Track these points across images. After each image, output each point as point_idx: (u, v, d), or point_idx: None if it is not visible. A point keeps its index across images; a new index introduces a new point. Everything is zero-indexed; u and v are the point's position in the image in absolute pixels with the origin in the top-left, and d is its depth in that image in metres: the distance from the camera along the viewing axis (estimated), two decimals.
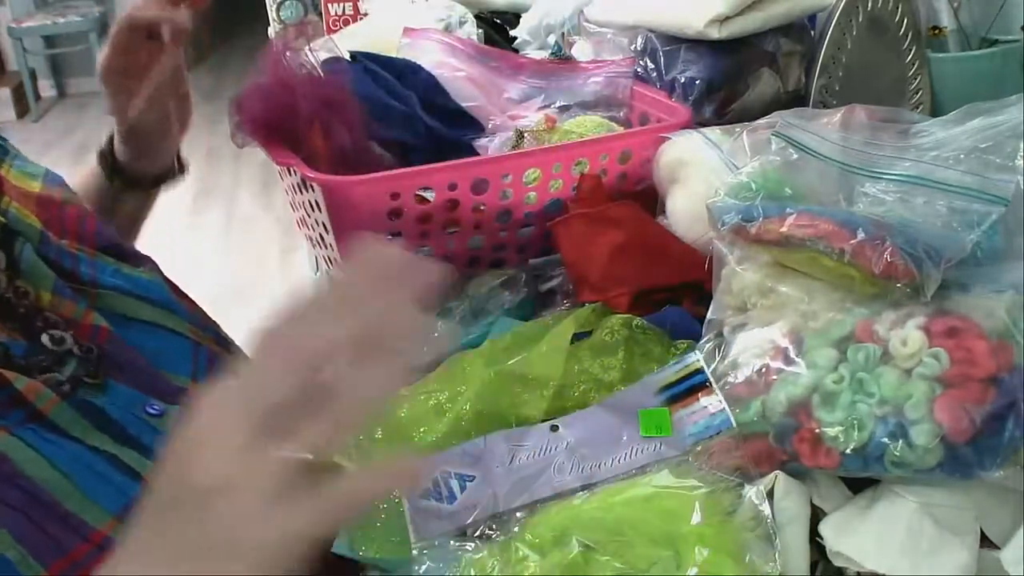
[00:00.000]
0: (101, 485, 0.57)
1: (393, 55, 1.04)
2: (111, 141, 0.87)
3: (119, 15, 0.76)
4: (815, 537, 0.54)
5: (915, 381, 0.52)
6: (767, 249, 0.60)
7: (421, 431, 0.63)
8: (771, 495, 0.54)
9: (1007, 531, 0.52)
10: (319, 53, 0.91)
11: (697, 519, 0.51)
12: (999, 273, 0.55)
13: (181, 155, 0.92)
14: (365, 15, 1.55)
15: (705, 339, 0.64)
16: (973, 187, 0.57)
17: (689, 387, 0.61)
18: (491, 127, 0.99)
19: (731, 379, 0.59)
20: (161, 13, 0.74)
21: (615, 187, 0.90)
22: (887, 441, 0.51)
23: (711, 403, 0.60)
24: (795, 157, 0.65)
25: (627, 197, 0.88)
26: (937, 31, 1.08)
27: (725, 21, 0.99)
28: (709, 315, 0.65)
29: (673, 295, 0.78)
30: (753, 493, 0.53)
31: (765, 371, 0.57)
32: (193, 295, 0.81)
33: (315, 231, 0.91)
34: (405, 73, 0.97)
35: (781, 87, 1.05)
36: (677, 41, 1.04)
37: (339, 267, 0.34)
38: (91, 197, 0.86)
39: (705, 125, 0.92)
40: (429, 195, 0.83)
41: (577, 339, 0.69)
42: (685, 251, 0.81)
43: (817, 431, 0.53)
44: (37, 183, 0.74)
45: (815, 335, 0.56)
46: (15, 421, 0.57)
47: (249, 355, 0.36)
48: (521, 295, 0.85)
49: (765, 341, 0.58)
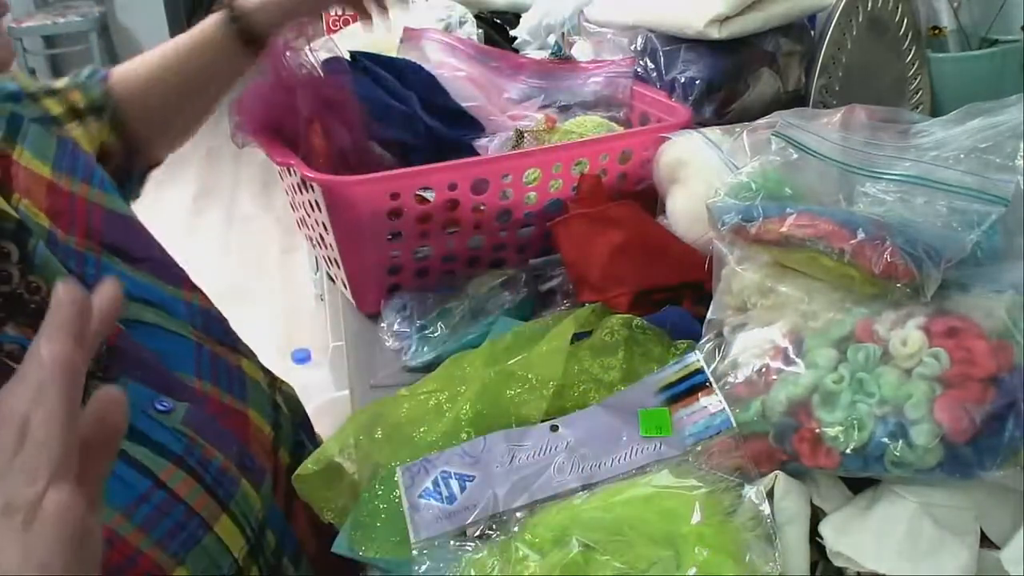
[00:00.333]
0: (109, 480, 0.58)
1: (393, 55, 1.04)
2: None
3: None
4: (815, 537, 0.54)
5: (915, 381, 0.52)
6: (767, 249, 0.60)
7: (421, 431, 0.63)
8: (771, 495, 0.54)
9: (1007, 531, 0.52)
10: (319, 53, 0.91)
11: (697, 519, 0.51)
12: (999, 273, 0.55)
13: None
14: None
15: (705, 339, 0.64)
16: (973, 187, 0.57)
17: (689, 387, 0.61)
18: (491, 127, 0.99)
19: (731, 379, 0.59)
20: None
21: (615, 187, 0.90)
22: (887, 441, 0.51)
23: (711, 403, 0.60)
24: (795, 157, 0.65)
25: (627, 197, 0.88)
26: (937, 31, 1.08)
27: (725, 21, 0.99)
28: (709, 315, 0.65)
29: (673, 295, 0.78)
30: (753, 493, 0.53)
31: (765, 371, 0.57)
32: None
33: (315, 231, 0.91)
34: (405, 73, 0.98)
35: (781, 87, 1.05)
36: (677, 41, 1.05)
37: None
38: (191, 58, 0.86)
39: (705, 125, 0.92)
40: (429, 195, 0.83)
41: (577, 339, 0.69)
42: (685, 251, 0.81)
43: (817, 431, 0.53)
44: (47, 168, 0.73)
45: (815, 335, 0.56)
46: None
47: None
48: (521, 295, 0.85)
49: (765, 341, 0.58)
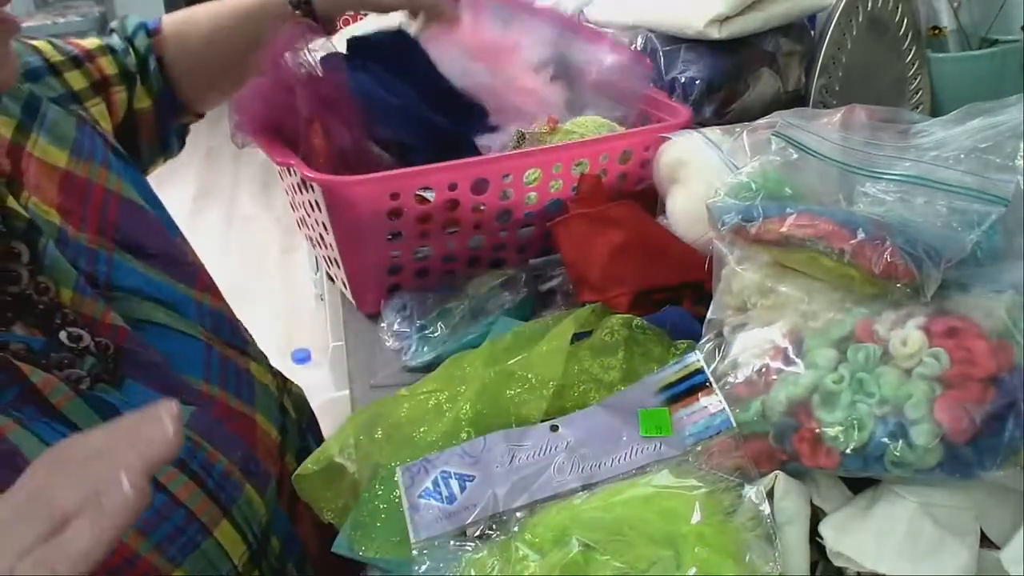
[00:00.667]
0: None
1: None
2: None
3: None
4: (815, 537, 0.54)
5: (915, 381, 0.52)
6: (767, 249, 0.60)
7: (421, 431, 0.63)
8: (771, 495, 0.54)
9: (1007, 531, 0.52)
10: (318, 52, 0.91)
11: (697, 519, 0.51)
12: (999, 273, 0.55)
13: None
14: (365, 15, 1.55)
15: (705, 339, 0.64)
16: (973, 187, 0.57)
17: (689, 387, 0.61)
18: (495, 106, 0.95)
19: (731, 379, 0.59)
20: None
21: (615, 187, 0.90)
22: (887, 441, 0.51)
23: (711, 403, 0.60)
24: (795, 157, 0.65)
25: (627, 197, 0.88)
26: (937, 31, 1.08)
27: (725, 21, 0.99)
28: (709, 315, 0.65)
29: (673, 295, 0.78)
30: (753, 493, 0.53)
31: (765, 371, 0.57)
32: None
33: (315, 231, 0.91)
34: (403, 58, 0.94)
35: (781, 87, 1.05)
36: (677, 41, 1.05)
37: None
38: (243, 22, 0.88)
39: (705, 125, 0.92)
40: (429, 195, 0.83)
41: (577, 339, 0.69)
42: (685, 251, 0.81)
43: (817, 431, 0.53)
44: (64, 155, 0.72)
45: (815, 335, 0.56)
46: (29, 415, 0.57)
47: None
48: (521, 295, 0.85)
49: (765, 341, 0.58)
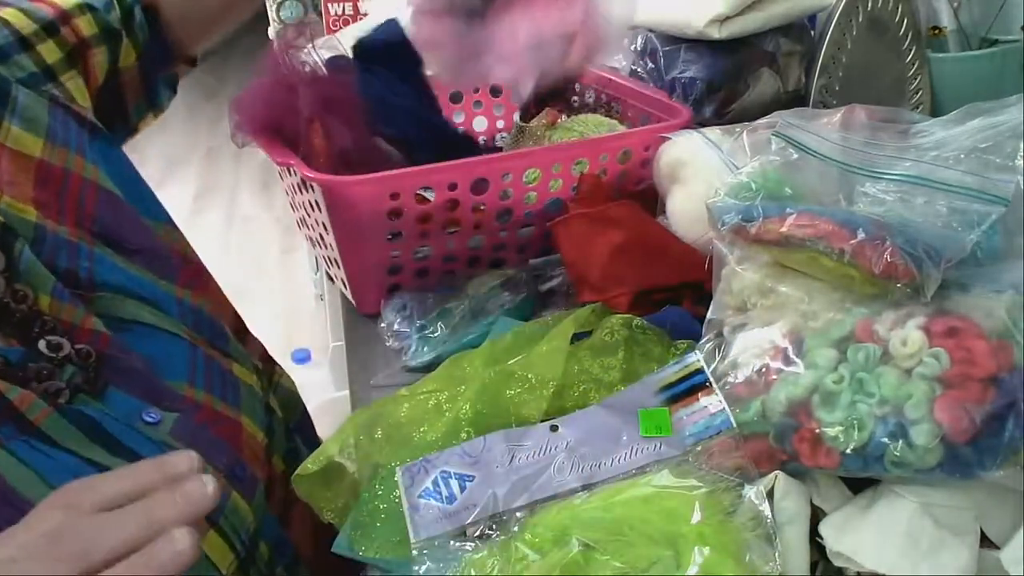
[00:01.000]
0: None
1: None
2: None
3: None
4: (815, 537, 0.54)
5: (915, 381, 0.52)
6: (767, 249, 0.60)
7: (421, 431, 0.63)
8: (771, 495, 0.54)
9: (1007, 531, 0.52)
10: (322, 52, 0.91)
11: (697, 519, 0.51)
12: (999, 273, 0.55)
13: None
14: (365, 15, 1.55)
15: (705, 339, 0.64)
16: (973, 187, 0.57)
17: (689, 387, 0.61)
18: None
19: (731, 379, 0.59)
20: None
21: (615, 187, 0.90)
22: (887, 441, 0.51)
23: (711, 403, 0.60)
24: (795, 157, 0.65)
25: (627, 197, 0.88)
26: (937, 31, 1.08)
27: (725, 21, 0.99)
28: (709, 315, 0.65)
29: (673, 295, 0.78)
30: (753, 493, 0.53)
31: (765, 371, 0.57)
32: None
33: (315, 231, 0.91)
34: (406, 62, 0.94)
35: (781, 87, 1.05)
36: (677, 41, 1.05)
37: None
38: None
39: (705, 125, 0.92)
40: (429, 195, 0.83)
41: (577, 339, 0.69)
42: (685, 251, 0.81)
43: (817, 431, 0.53)
44: (39, 143, 0.70)
45: (815, 335, 0.56)
46: (7, 434, 0.56)
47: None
48: (521, 295, 0.85)
49: (765, 341, 0.58)
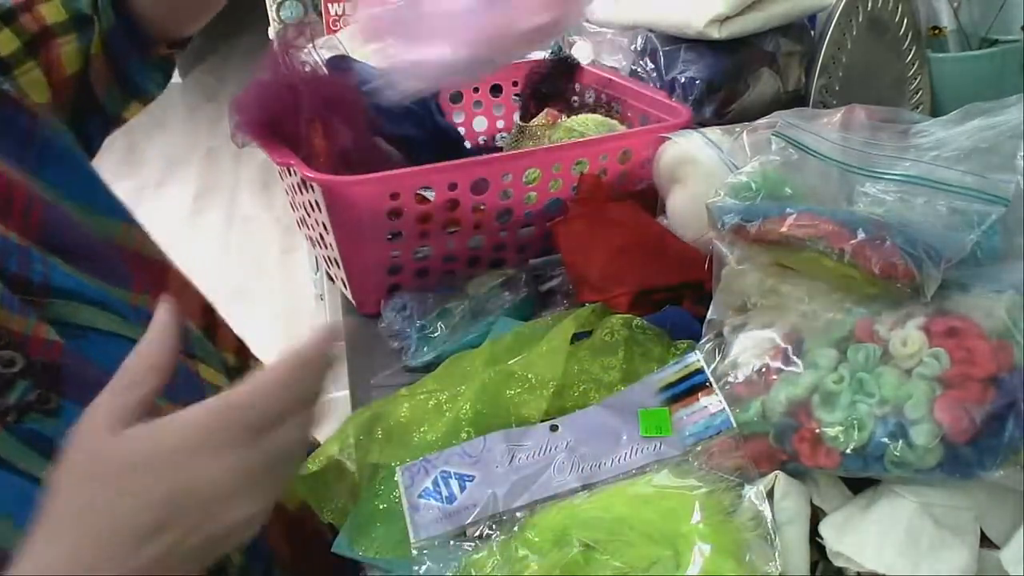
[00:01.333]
0: None
1: None
2: None
3: None
4: (815, 537, 0.54)
5: (915, 381, 0.52)
6: (767, 249, 0.60)
7: (421, 431, 0.63)
8: (771, 495, 0.54)
9: (1007, 531, 0.52)
10: (322, 52, 0.91)
11: (697, 519, 0.51)
12: (999, 273, 0.55)
13: None
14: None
15: (705, 339, 0.64)
16: (973, 187, 0.57)
17: (689, 387, 0.61)
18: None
19: (731, 379, 0.59)
20: None
21: (615, 187, 0.90)
22: (887, 441, 0.51)
23: (711, 403, 0.60)
24: (795, 157, 0.65)
25: (627, 197, 0.88)
26: (937, 31, 1.08)
27: (725, 21, 0.99)
28: (709, 315, 0.65)
29: (673, 295, 0.78)
30: (753, 493, 0.53)
31: (765, 371, 0.57)
32: None
33: (315, 231, 0.91)
34: None
35: (781, 87, 1.05)
36: (677, 41, 1.05)
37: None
38: None
39: (705, 125, 0.92)
40: (429, 195, 0.83)
41: (577, 339, 0.69)
42: (685, 251, 0.81)
43: (817, 431, 0.53)
44: None
45: (815, 335, 0.56)
46: None
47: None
48: (521, 295, 0.85)
49: (765, 341, 0.58)
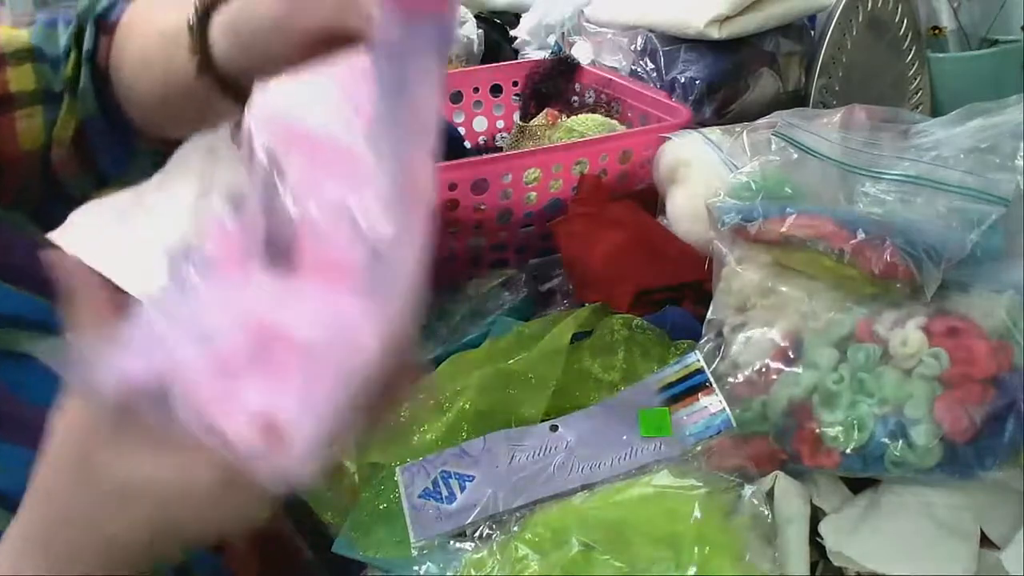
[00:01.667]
0: None
1: None
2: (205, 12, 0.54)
3: None
4: (815, 537, 0.54)
5: (915, 381, 0.52)
6: (767, 249, 0.60)
7: (421, 431, 0.63)
8: (771, 495, 0.54)
9: (1007, 531, 0.52)
10: None
11: (697, 519, 0.51)
12: (999, 273, 0.55)
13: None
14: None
15: (705, 339, 0.64)
16: (973, 187, 0.57)
17: (689, 387, 0.61)
18: None
19: (731, 379, 0.59)
20: None
21: (615, 187, 0.90)
22: (887, 441, 0.51)
23: (711, 403, 0.60)
24: (795, 157, 0.65)
25: (627, 197, 0.88)
26: (937, 31, 1.08)
27: (725, 21, 0.99)
28: (709, 315, 0.65)
29: (673, 295, 0.78)
30: (753, 493, 0.53)
31: (765, 371, 0.57)
32: None
33: None
34: None
35: (781, 87, 1.05)
36: (677, 41, 1.05)
37: None
38: (159, 81, 0.58)
39: (705, 125, 0.92)
40: None
41: (577, 339, 0.69)
42: (685, 251, 0.81)
43: (817, 431, 0.53)
44: None
45: (815, 335, 0.56)
46: None
47: None
48: (521, 295, 0.85)
49: (765, 341, 0.58)
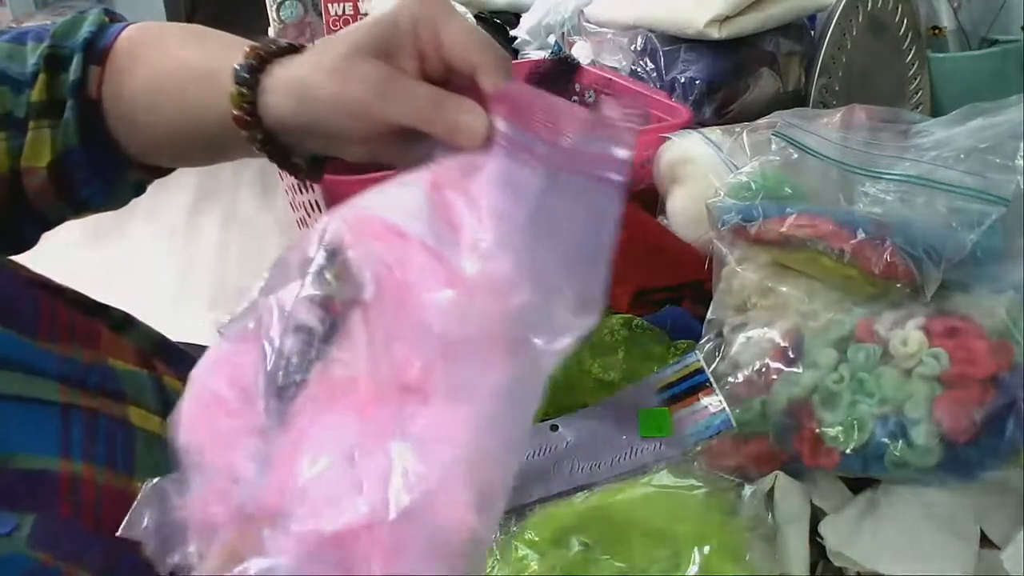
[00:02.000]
0: None
1: None
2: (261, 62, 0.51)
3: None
4: (815, 537, 0.54)
5: (915, 381, 0.52)
6: (767, 249, 0.60)
7: None
8: (771, 495, 0.54)
9: (1007, 531, 0.52)
10: None
11: (697, 519, 0.51)
12: (999, 273, 0.55)
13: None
14: (365, 15, 1.55)
15: (705, 339, 0.64)
16: (973, 187, 0.57)
17: (689, 387, 0.61)
18: None
19: (731, 379, 0.59)
20: None
21: None
22: (887, 441, 0.51)
23: (711, 403, 0.60)
24: (795, 157, 0.65)
25: (627, 197, 0.87)
26: (937, 31, 1.08)
27: (725, 21, 0.99)
28: (709, 315, 0.65)
29: (673, 295, 0.78)
30: (753, 493, 0.53)
31: (765, 371, 0.57)
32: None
33: None
34: None
35: (781, 87, 1.05)
36: (677, 41, 1.05)
37: None
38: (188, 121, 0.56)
39: (705, 125, 0.92)
40: None
41: None
42: (685, 251, 0.81)
43: (817, 431, 0.53)
44: None
45: (815, 335, 0.56)
46: None
47: None
48: None
49: (765, 341, 0.58)
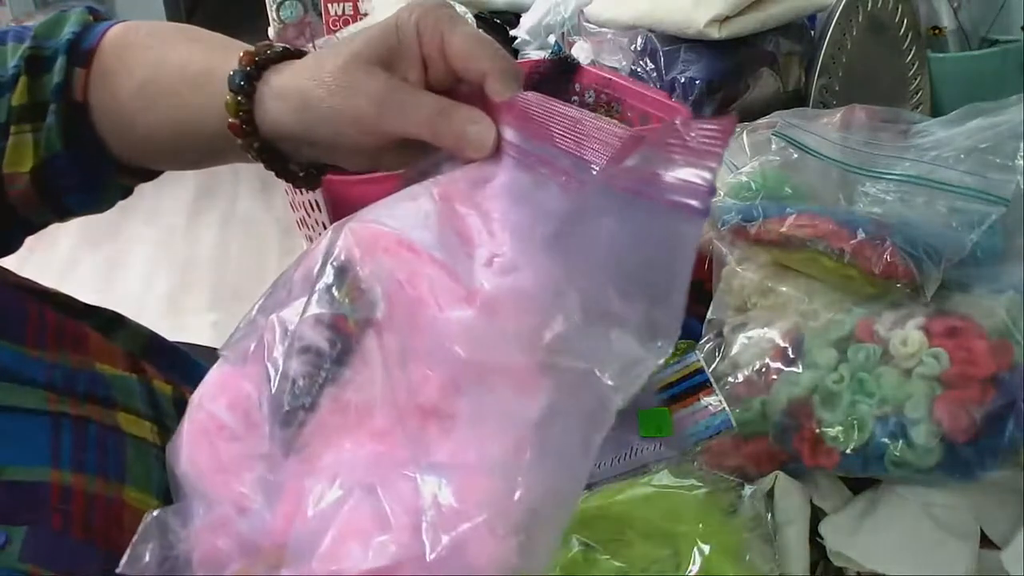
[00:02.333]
0: None
1: None
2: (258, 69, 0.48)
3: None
4: (815, 537, 0.54)
5: (915, 381, 0.52)
6: (767, 249, 0.60)
7: None
8: (771, 495, 0.54)
9: (1007, 531, 0.52)
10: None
11: (697, 519, 0.51)
12: (999, 273, 0.55)
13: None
14: (365, 15, 1.55)
15: (705, 339, 0.64)
16: (973, 187, 0.57)
17: (689, 387, 0.61)
18: None
19: (731, 379, 0.59)
20: None
21: None
22: (887, 441, 0.51)
23: (711, 403, 0.60)
24: (795, 157, 0.65)
25: None
26: (937, 31, 1.08)
27: (725, 21, 0.99)
28: (709, 315, 0.65)
29: None
30: (753, 493, 0.53)
31: (765, 371, 0.57)
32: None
33: (315, 231, 0.91)
34: None
35: (781, 87, 1.05)
36: (677, 41, 1.04)
37: None
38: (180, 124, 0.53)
39: None
40: None
41: None
42: None
43: (817, 431, 0.53)
44: None
45: (815, 335, 0.56)
46: None
47: None
48: None
49: (765, 341, 0.58)
